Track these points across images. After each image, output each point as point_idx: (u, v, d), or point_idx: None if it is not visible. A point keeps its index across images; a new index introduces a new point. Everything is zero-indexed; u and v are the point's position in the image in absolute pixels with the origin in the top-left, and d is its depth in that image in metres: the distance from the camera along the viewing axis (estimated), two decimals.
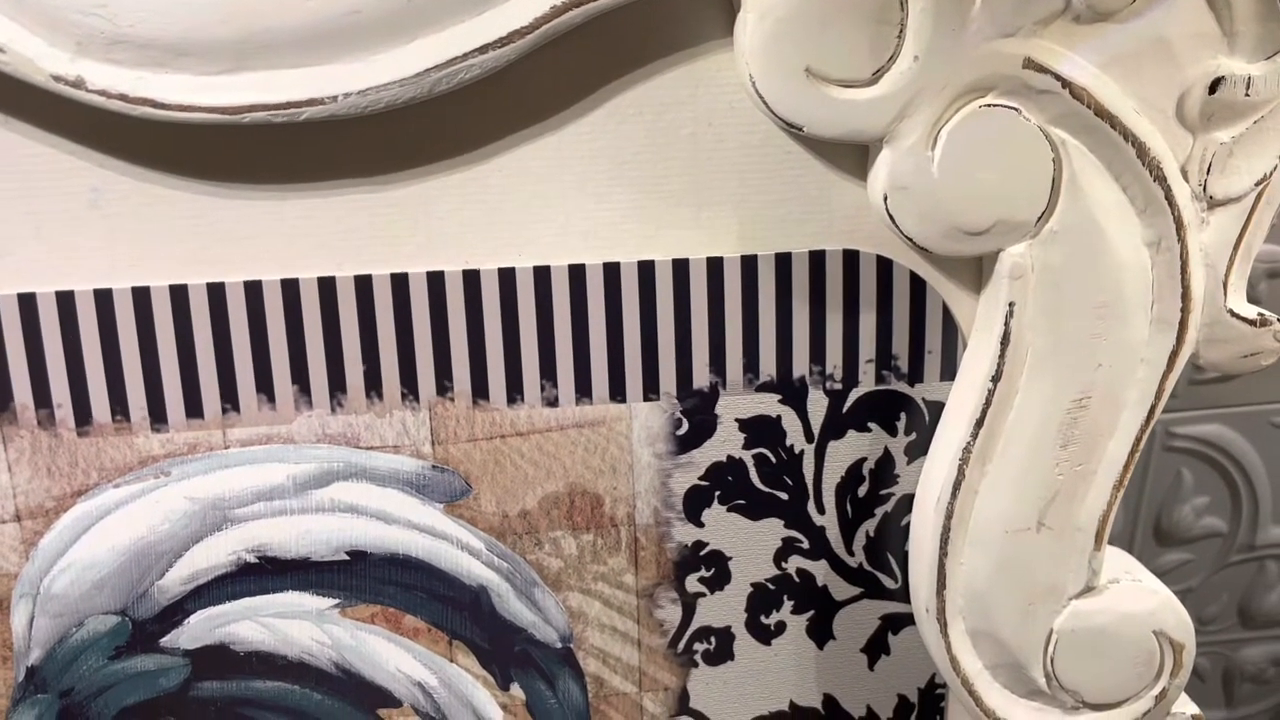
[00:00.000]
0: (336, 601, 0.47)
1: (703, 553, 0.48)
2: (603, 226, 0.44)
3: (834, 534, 0.49)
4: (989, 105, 0.39)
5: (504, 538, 0.47)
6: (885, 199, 0.40)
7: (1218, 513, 0.90)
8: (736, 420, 0.47)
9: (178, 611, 0.47)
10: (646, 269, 0.45)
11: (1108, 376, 0.43)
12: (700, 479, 0.47)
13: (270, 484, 0.46)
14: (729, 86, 0.43)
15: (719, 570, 0.49)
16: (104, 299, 0.43)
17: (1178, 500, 0.89)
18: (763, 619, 0.50)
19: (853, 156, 0.44)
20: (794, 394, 0.47)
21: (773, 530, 0.48)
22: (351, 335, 0.44)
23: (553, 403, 0.46)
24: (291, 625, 0.47)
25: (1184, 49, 0.40)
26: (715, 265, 0.45)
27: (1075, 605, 0.45)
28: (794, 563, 0.49)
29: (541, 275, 0.44)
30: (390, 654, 0.48)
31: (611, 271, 0.45)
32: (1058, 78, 0.39)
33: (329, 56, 0.39)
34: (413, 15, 0.39)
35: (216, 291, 0.43)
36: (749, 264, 0.45)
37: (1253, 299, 0.43)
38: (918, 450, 0.48)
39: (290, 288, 0.44)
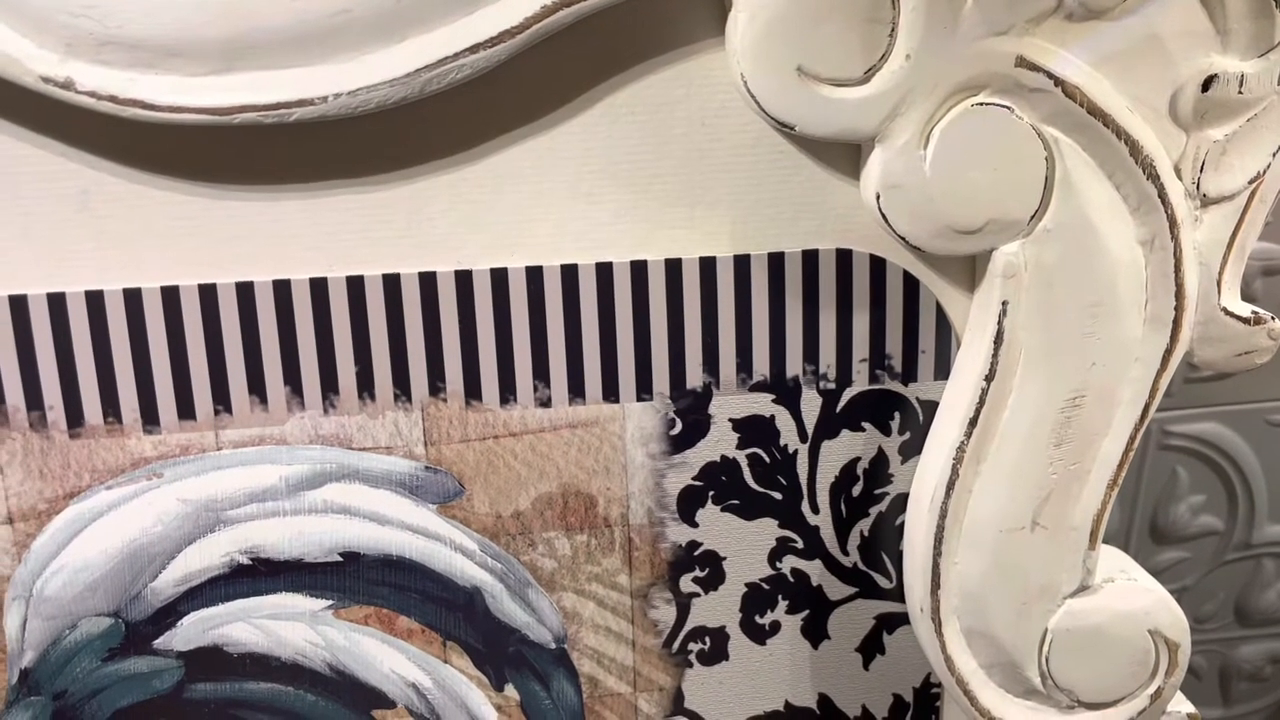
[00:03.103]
0: (330, 603, 0.47)
1: (697, 553, 0.48)
2: (595, 227, 0.44)
3: (828, 534, 0.49)
4: (981, 104, 0.39)
5: (497, 538, 0.47)
6: (878, 198, 0.40)
7: (1214, 511, 0.89)
8: (730, 420, 0.47)
9: (171, 613, 0.46)
10: (639, 269, 0.44)
11: (1101, 375, 0.43)
12: (694, 479, 0.47)
13: (263, 485, 0.46)
14: (721, 86, 0.42)
15: (713, 570, 0.49)
16: (95, 300, 0.43)
17: (1174, 498, 0.89)
18: (757, 619, 0.49)
19: (846, 155, 0.43)
20: (788, 393, 0.47)
21: (767, 530, 0.48)
22: (344, 336, 0.44)
23: (546, 403, 0.46)
24: (285, 627, 0.47)
25: (1177, 47, 0.39)
26: (708, 265, 0.45)
27: (1070, 604, 0.45)
28: (788, 563, 0.49)
29: (534, 275, 0.44)
30: (384, 655, 0.48)
31: (604, 272, 0.44)
32: (1050, 76, 0.39)
33: (319, 57, 0.39)
34: (403, 15, 0.39)
35: (208, 293, 0.43)
36: (742, 264, 0.45)
37: (1247, 297, 0.43)
38: (912, 449, 0.48)
39: (282, 289, 0.44)
